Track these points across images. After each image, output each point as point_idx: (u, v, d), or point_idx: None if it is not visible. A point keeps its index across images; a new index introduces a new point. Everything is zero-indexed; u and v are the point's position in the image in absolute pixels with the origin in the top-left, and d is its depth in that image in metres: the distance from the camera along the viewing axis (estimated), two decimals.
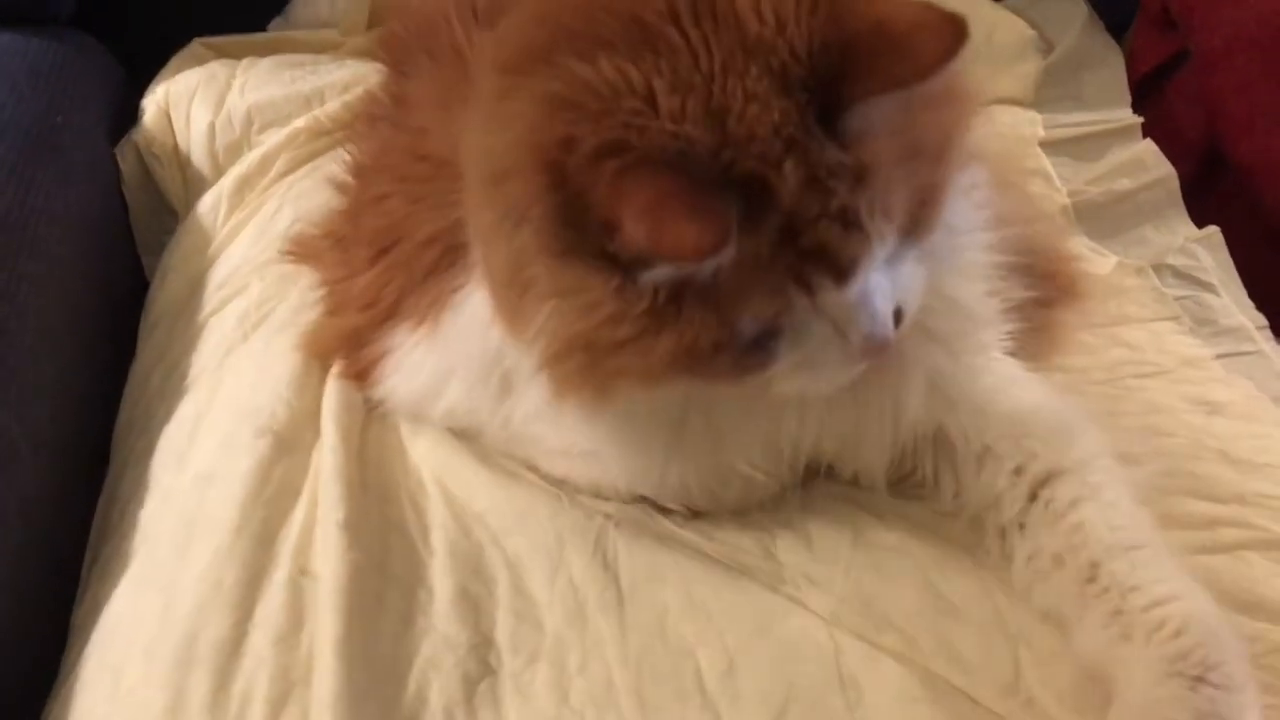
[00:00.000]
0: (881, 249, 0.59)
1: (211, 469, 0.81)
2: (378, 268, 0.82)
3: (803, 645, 0.69)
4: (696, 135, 0.55)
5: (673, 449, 0.73)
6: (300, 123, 1.16)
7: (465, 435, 0.82)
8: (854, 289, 0.59)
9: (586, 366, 0.62)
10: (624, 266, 0.57)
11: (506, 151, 0.60)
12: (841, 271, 0.58)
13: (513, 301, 0.64)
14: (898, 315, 0.63)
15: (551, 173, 0.56)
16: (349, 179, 0.97)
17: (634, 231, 0.54)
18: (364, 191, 0.90)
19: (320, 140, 1.16)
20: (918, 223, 0.63)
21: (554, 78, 0.58)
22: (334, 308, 0.89)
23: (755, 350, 0.61)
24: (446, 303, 0.76)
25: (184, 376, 0.94)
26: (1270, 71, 1.18)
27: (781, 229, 0.56)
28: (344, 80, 1.21)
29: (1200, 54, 1.24)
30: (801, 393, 0.66)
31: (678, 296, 0.58)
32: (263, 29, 1.37)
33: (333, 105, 1.18)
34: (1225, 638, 0.62)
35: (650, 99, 0.56)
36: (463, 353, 0.76)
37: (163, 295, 1.06)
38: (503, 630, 0.70)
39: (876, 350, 0.62)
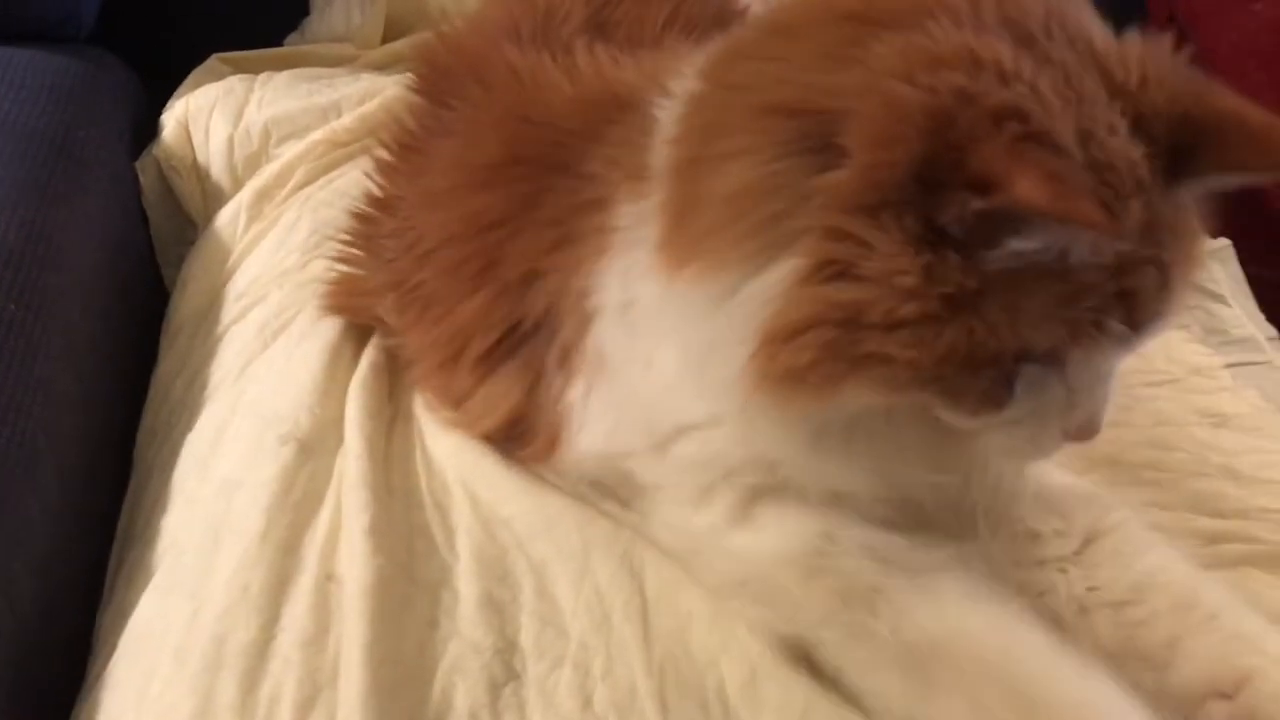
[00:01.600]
0: (1170, 323, 0.60)
1: (236, 476, 0.82)
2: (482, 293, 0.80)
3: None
4: (1070, 145, 0.54)
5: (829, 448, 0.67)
6: (318, 135, 1.18)
7: None
8: (1115, 360, 0.60)
9: (833, 345, 0.57)
10: (942, 243, 0.54)
11: (847, 89, 0.57)
12: (1139, 323, 0.57)
13: (729, 233, 0.60)
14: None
15: (936, 119, 0.53)
16: (379, 213, 0.95)
17: (1031, 193, 0.50)
18: (432, 225, 0.86)
19: (337, 151, 1.18)
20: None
21: (930, 37, 0.56)
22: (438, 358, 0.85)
23: (1005, 385, 0.59)
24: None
25: (205, 385, 0.95)
26: (1276, 79, 1.19)
27: (1114, 265, 0.55)
28: (360, 93, 1.24)
29: (1208, 62, 1.25)
30: (1007, 452, 0.65)
31: (983, 294, 0.55)
32: (278, 44, 1.39)
33: (349, 118, 1.20)
34: None
35: (1038, 94, 0.55)
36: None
37: (183, 305, 1.07)
38: (527, 635, 0.71)
39: (1083, 437, 0.62)
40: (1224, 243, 1.05)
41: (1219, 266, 1.02)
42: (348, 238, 0.96)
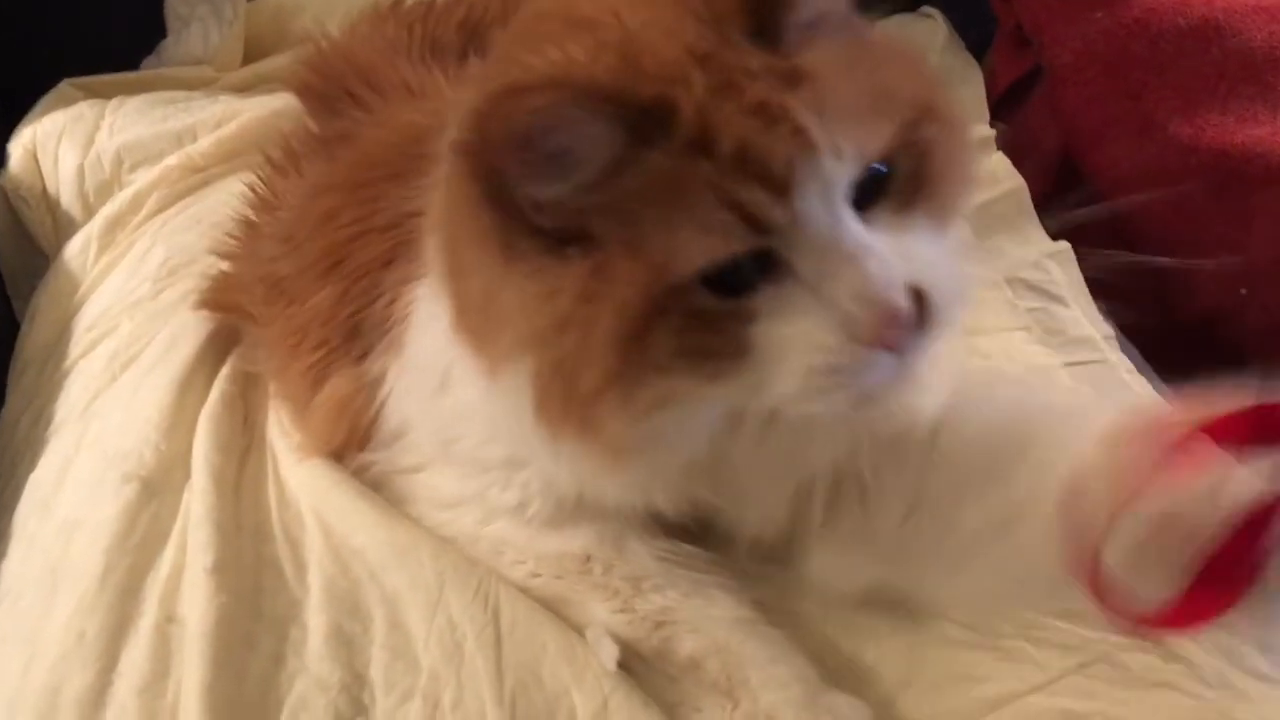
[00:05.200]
0: (837, 164, 0.52)
1: (77, 516, 0.80)
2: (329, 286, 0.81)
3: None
4: (602, 73, 0.52)
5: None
6: (172, 160, 1.16)
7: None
8: (806, 208, 0.51)
9: (565, 392, 0.55)
10: (551, 239, 0.54)
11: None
12: (774, 177, 0.50)
13: (490, 341, 0.60)
14: (921, 297, 0.53)
15: (468, 156, 0.53)
16: (260, 216, 0.95)
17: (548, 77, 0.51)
18: (301, 220, 0.87)
19: (193, 177, 1.16)
20: (921, 184, 0.56)
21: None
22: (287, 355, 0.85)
23: (721, 329, 0.53)
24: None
25: (50, 422, 0.93)
26: (1117, 85, 1.23)
27: (693, 139, 0.50)
28: (216, 116, 1.21)
29: (1053, 69, 1.29)
30: (820, 406, 0.55)
31: (604, 255, 0.53)
32: (135, 68, 1.36)
33: (205, 142, 1.18)
34: None
35: (570, 61, 0.52)
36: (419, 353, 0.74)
37: (31, 339, 1.05)
38: (376, 667, 0.70)
39: (889, 327, 0.51)
40: (1064, 245, 1.08)
41: (1059, 269, 1.05)
42: (232, 238, 0.96)
